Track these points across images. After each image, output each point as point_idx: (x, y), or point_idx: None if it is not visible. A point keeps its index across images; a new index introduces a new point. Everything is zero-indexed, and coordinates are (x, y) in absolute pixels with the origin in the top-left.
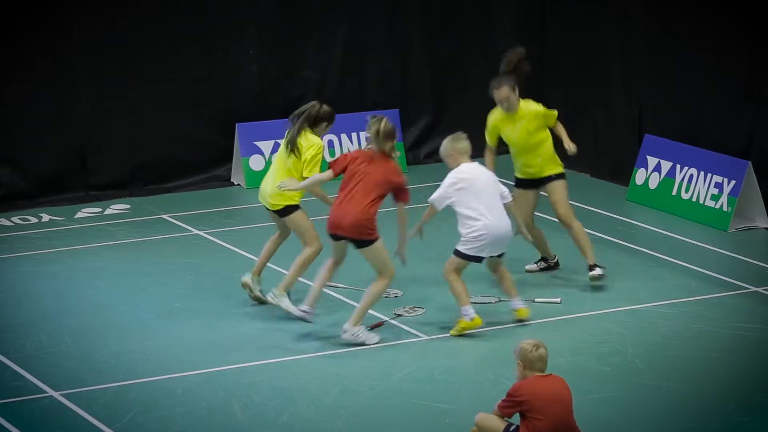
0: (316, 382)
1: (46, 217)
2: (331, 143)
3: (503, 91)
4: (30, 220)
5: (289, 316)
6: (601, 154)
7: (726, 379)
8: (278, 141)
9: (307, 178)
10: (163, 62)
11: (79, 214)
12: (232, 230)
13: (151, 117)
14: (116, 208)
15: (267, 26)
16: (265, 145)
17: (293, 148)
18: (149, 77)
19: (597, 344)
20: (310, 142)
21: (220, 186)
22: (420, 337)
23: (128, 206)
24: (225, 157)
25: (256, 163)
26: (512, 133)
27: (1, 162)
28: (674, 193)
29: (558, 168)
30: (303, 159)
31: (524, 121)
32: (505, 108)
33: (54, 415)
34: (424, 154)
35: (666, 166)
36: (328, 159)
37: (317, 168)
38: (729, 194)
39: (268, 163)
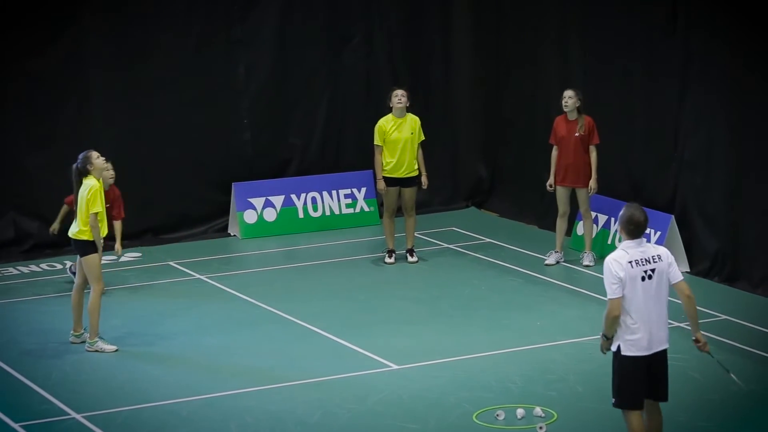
0: (301, 405)
1: (68, 264)
2: (314, 200)
3: None
4: (56, 267)
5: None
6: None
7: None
8: (269, 198)
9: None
10: (168, 129)
11: None
12: (229, 275)
13: (162, 177)
14: (129, 256)
15: (259, 98)
16: (257, 201)
17: None
18: (156, 142)
19: (543, 372)
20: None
21: (219, 237)
22: (390, 366)
23: (140, 254)
24: (223, 211)
25: (249, 216)
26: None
27: (33, 216)
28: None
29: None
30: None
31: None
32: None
33: None
34: None
35: (602, 219)
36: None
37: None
38: (655, 242)
39: (260, 217)
